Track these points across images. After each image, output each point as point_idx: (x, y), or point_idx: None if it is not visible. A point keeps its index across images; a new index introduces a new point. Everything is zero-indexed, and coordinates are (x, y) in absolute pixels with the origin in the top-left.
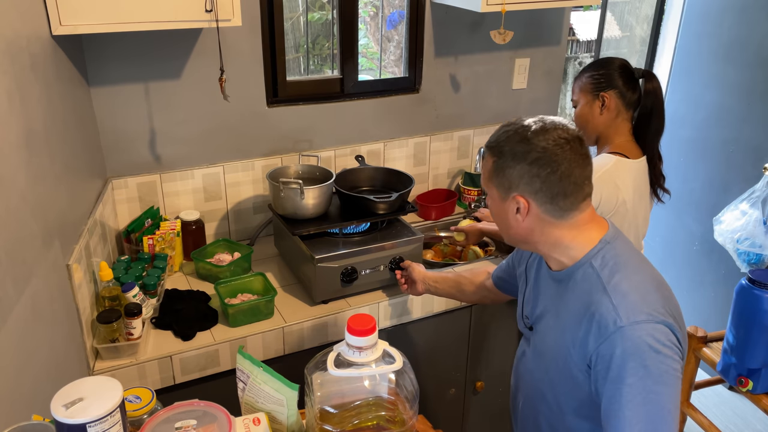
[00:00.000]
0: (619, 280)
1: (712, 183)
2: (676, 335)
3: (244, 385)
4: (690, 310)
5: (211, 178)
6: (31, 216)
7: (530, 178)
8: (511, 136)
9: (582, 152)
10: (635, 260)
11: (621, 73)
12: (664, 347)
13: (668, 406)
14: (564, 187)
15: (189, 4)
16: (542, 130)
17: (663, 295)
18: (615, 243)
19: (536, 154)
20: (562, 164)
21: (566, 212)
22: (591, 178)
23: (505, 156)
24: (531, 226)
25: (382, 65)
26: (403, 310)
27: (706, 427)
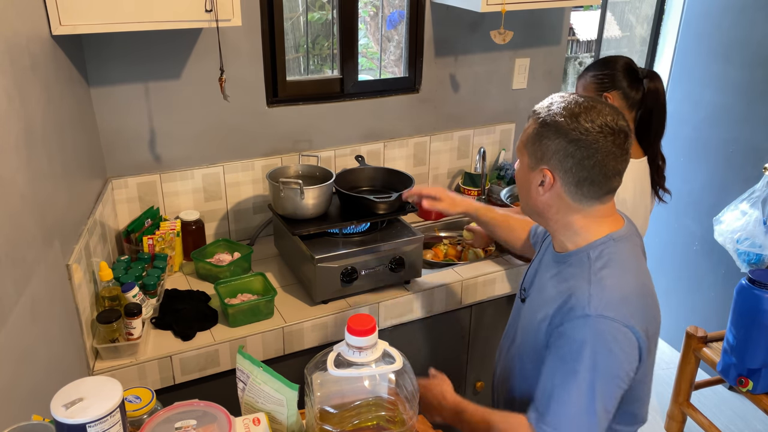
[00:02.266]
0: (607, 275)
1: (712, 183)
2: (641, 346)
3: (244, 385)
4: (690, 310)
5: (211, 178)
6: (31, 216)
7: (564, 156)
8: (561, 109)
9: (624, 147)
10: (633, 264)
11: (625, 73)
12: (621, 352)
13: (601, 405)
14: (593, 175)
15: (189, 4)
16: (591, 110)
17: (644, 304)
18: (621, 243)
19: (578, 135)
20: (599, 152)
21: (587, 199)
22: (622, 175)
23: (549, 126)
24: (549, 202)
25: (382, 65)
26: (403, 310)
27: (706, 427)
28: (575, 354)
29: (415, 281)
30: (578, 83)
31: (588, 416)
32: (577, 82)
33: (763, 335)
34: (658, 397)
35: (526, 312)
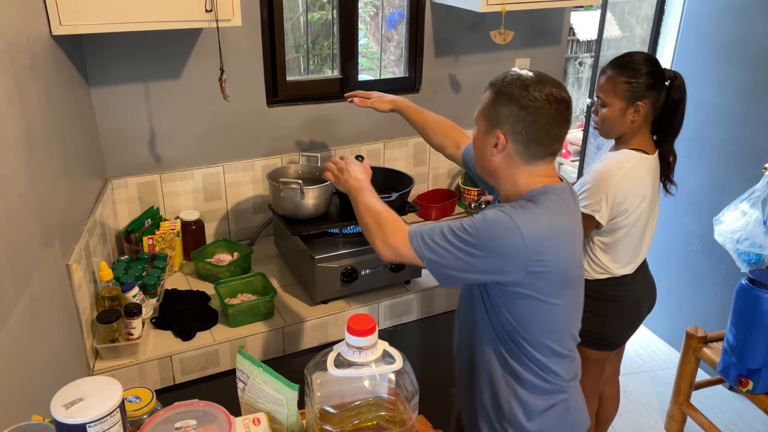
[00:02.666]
0: (528, 205)
1: (712, 183)
2: (527, 256)
3: (244, 385)
4: (690, 310)
5: (211, 178)
6: (31, 216)
7: (516, 120)
8: (513, 80)
9: (565, 115)
10: (556, 206)
11: (657, 81)
12: (500, 238)
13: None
14: (539, 137)
15: (189, 4)
16: (540, 82)
17: (551, 236)
18: (554, 192)
19: (528, 101)
20: (544, 117)
21: (532, 159)
22: (562, 141)
23: (503, 95)
24: (500, 162)
25: (382, 65)
26: (403, 310)
27: (706, 427)
28: (473, 223)
29: (415, 281)
30: (606, 83)
31: (449, 255)
32: (605, 81)
33: (763, 335)
34: (658, 397)
35: None
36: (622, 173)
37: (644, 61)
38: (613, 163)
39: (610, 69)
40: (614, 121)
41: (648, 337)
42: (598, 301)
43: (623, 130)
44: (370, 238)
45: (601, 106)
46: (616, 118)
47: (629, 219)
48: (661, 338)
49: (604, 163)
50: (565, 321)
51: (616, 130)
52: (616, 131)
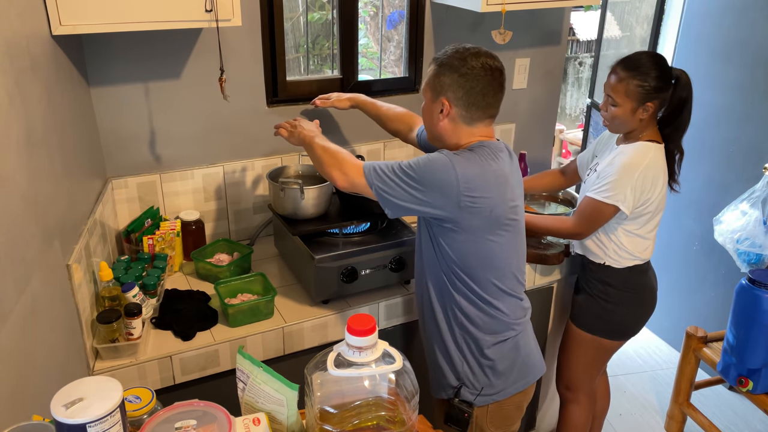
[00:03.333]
0: (467, 153)
1: (712, 183)
2: (460, 194)
3: (244, 385)
4: (690, 310)
5: (211, 178)
6: (31, 216)
7: (457, 87)
8: (453, 54)
9: (499, 81)
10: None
11: (666, 82)
12: (436, 174)
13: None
14: (478, 101)
15: (189, 4)
16: (476, 54)
17: (482, 175)
18: (490, 145)
19: (466, 70)
20: (481, 83)
21: (473, 121)
22: (499, 105)
23: (445, 66)
24: (446, 126)
25: (382, 65)
26: (403, 310)
27: (706, 427)
28: (417, 162)
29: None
30: (617, 84)
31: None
32: (616, 83)
33: (763, 335)
34: (658, 397)
35: None
36: (645, 164)
37: (655, 63)
38: (635, 156)
39: (623, 71)
40: (624, 120)
41: (648, 337)
42: (621, 291)
43: (632, 127)
44: (326, 171)
45: (612, 105)
46: (626, 116)
47: (652, 206)
48: (661, 338)
49: (626, 157)
50: (503, 258)
51: (626, 128)
52: (625, 128)
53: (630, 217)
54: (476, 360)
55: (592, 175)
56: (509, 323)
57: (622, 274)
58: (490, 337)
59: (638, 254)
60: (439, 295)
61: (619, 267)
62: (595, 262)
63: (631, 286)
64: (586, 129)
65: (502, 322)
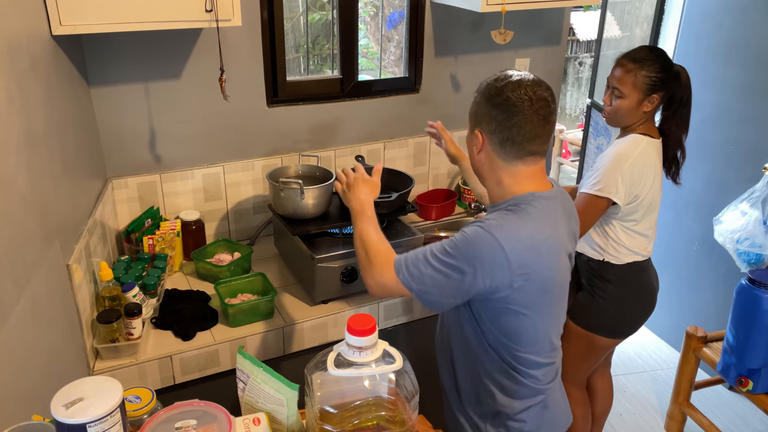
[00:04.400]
0: (510, 216)
1: (712, 183)
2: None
3: (244, 385)
4: (690, 310)
5: (211, 178)
6: (31, 216)
7: (490, 119)
8: (492, 82)
9: (542, 113)
10: (540, 216)
11: (670, 75)
12: (487, 257)
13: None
14: (513, 135)
15: (189, 4)
16: (517, 83)
17: (531, 248)
18: (540, 200)
19: (500, 100)
20: (517, 116)
21: (511, 159)
22: (545, 140)
23: (481, 95)
24: (483, 161)
25: (382, 65)
26: (403, 310)
27: (706, 427)
28: (453, 244)
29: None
30: (625, 75)
31: (435, 281)
32: (624, 74)
33: (763, 335)
34: (658, 397)
35: None
36: (635, 154)
37: (660, 56)
38: (625, 147)
39: (630, 62)
40: (628, 111)
41: (648, 337)
42: (620, 288)
43: (634, 120)
44: (362, 273)
45: (618, 96)
46: (631, 108)
47: (646, 199)
48: (661, 338)
49: (616, 148)
50: (544, 331)
51: (628, 120)
52: (627, 121)
53: (624, 212)
54: (502, 425)
55: (588, 171)
56: (541, 389)
57: (622, 270)
58: (519, 403)
59: (638, 250)
60: (468, 364)
61: (619, 263)
62: (594, 258)
63: (631, 284)
64: (586, 129)
65: (534, 389)
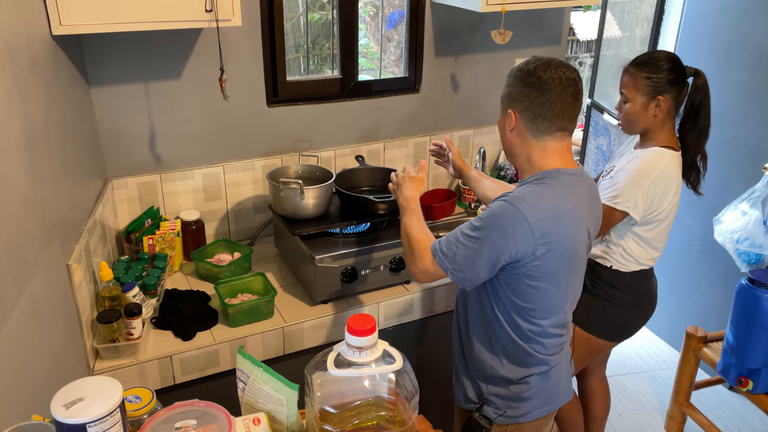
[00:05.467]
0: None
1: (712, 183)
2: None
3: (244, 385)
4: (690, 310)
5: (211, 178)
6: (31, 216)
7: (522, 97)
8: (523, 64)
9: (571, 91)
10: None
11: (678, 77)
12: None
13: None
14: (544, 111)
15: (189, 4)
16: (547, 64)
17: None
18: (565, 176)
19: (533, 79)
20: (548, 93)
21: (541, 134)
22: (573, 117)
23: (514, 78)
24: (514, 140)
25: (382, 65)
26: (403, 310)
27: (706, 427)
28: (483, 217)
29: (415, 281)
30: (628, 80)
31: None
32: (627, 78)
33: (763, 335)
34: (658, 397)
35: None
36: (658, 171)
37: (665, 58)
38: (648, 162)
39: (632, 67)
40: (636, 116)
41: (648, 337)
42: (626, 294)
43: (646, 125)
44: (407, 262)
45: (624, 102)
46: (638, 113)
47: (663, 213)
48: (661, 338)
49: (639, 162)
50: (560, 301)
51: (639, 125)
52: (639, 126)
53: (642, 222)
54: (504, 387)
55: (606, 179)
56: (545, 359)
57: (629, 278)
58: (522, 370)
59: (645, 261)
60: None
61: (626, 271)
62: (602, 265)
63: (637, 290)
64: (586, 129)
65: (538, 359)
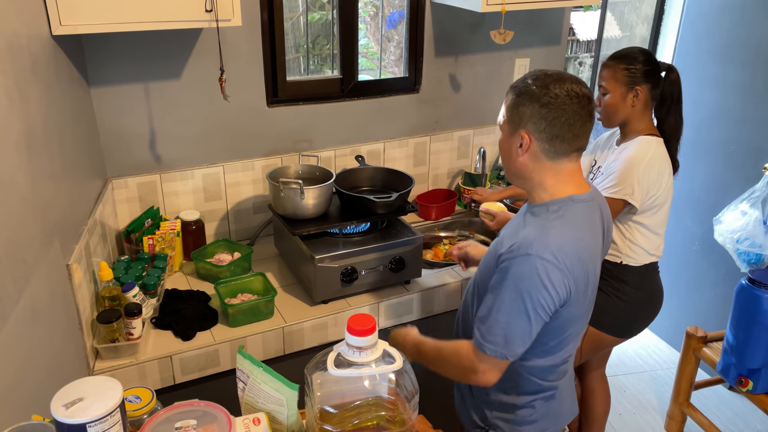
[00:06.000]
0: (556, 226)
1: (712, 183)
2: (569, 287)
3: (244, 385)
4: (690, 310)
5: (211, 178)
6: (31, 216)
7: (539, 118)
8: (533, 80)
9: (587, 110)
10: (581, 222)
11: (652, 69)
12: (552, 287)
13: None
14: (563, 133)
15: (189, 4)
16: (559, 80)
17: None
18: (580, 204)
19: (549, 99)
20: (567, 112)
21: (558, 156)
22: (587, 136)
23: (524, 95)
24: (526, 162)
25: (382, 65)
26: (403, 310)
27: (706, 427)
28: (513, 283)
29: (415, 281)
30: (605, 72)
31: (520, 331)
32: (604, 72)
33: (763, 335)
34: (658, 397)
35: (491, 248)
36: (650, 155)
37: (640, 51)
38: (638, 150)
39: (610, 60)
40: (615, 107)
41: (648, 337)
42: (636, 289)
43: (625, 115)
44: (466, 381)
45: (603, 94)
46: (617, 103)
47: (661, 197)
48: (661, 338)
49: (629, 152)
50: (573, 335)
51: (619, 116)
52: (618, 117)
53: (642, 210)
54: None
55: (598, 176)
56: (549, 386)
57: (640, 272)
58: (527, 397)
59: (652, 251)
60: None
61: (637, 265)
62: (612, 261)
63: (646, 285)
64: None
65: (545, 386)
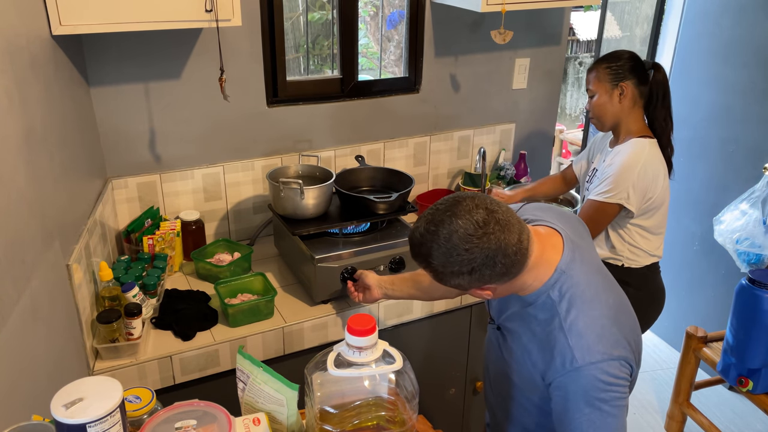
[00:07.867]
0: (576, 318)
1: (712, 183)
2: (630, 365)
3: (244, 385)
4: (690, 310)
5: (211, 178)
6: (31, 216)
7: (475, 280)
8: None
9: (501, 221)
10: (591, 291)
11: (635, 65)
12: (617, 379)
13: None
14: (505, 261)
15: (189, 4)
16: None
17: (620, 327)
18: (571, 272)
19: (470, 266)
20: (490, 249)
21: (519, 269)
22: (522, 229)
23: (446, 276)
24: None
25: (382, 65)
26: (403, 310)
27: (706, 427)
28: (576, 406)
29: None
30: (590, 76)
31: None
32: (589, 75)
33: (763, 335)
34: (658, 397)
35: (510, 345)
36: (644, 160)
37: (623, 51)
38: (633, 153)
39: (594, 64)
40: (603, 107)
41: (648, 337)
42: (639, 291)
43: (615, 114)
44: None
45: (591, 97)
46: (604, 103)
47: (659, 199)
48: (661, 338)
49: (623, 156)
50: None
51: (609, 117)
52: (609, 118)
53: (640, 212)
54: None
55: (594, 180)
56: None
57: (642, 274)
58: None
59: (653, 252)
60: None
61: (638, 267)
62: (614, 265)
63: (649, 287)
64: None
65: None
